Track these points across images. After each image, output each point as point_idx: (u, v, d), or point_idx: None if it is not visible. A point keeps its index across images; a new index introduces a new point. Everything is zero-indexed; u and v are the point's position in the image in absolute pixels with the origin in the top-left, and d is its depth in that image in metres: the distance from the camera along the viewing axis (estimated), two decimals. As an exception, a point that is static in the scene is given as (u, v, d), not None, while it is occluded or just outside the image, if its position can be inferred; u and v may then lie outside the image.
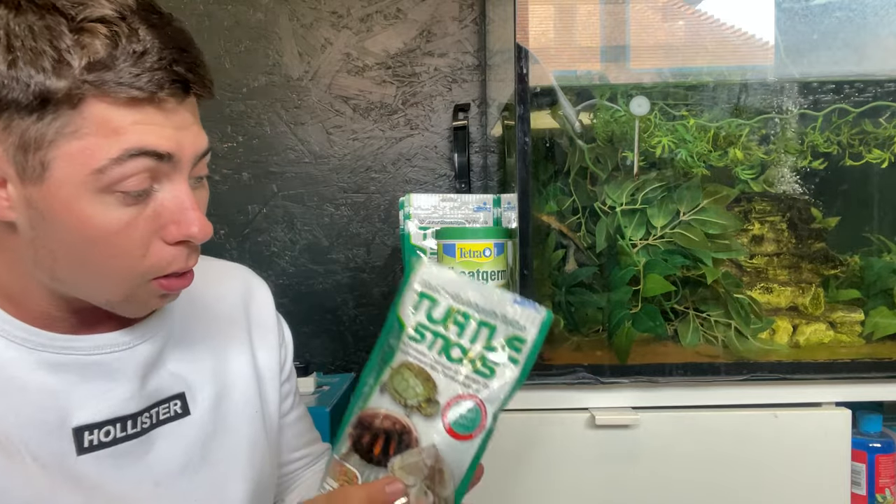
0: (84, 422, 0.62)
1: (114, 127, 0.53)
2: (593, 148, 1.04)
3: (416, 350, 0.58)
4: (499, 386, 0.58)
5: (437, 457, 0.56)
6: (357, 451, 0.57)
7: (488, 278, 0.96)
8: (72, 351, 0.62)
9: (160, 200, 0.57)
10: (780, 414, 0.94)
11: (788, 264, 1.05)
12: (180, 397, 0.69)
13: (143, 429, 0.65)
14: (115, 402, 0.63)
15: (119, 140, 0.54)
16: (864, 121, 1.03)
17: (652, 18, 1.15)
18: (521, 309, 0.59)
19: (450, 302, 0.59)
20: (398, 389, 0.57)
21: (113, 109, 0.53)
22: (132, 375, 0.65)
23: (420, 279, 0.60)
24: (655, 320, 0.98)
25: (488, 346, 0.58)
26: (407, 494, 0.55)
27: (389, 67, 1.44)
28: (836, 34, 1.09)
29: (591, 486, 0.94)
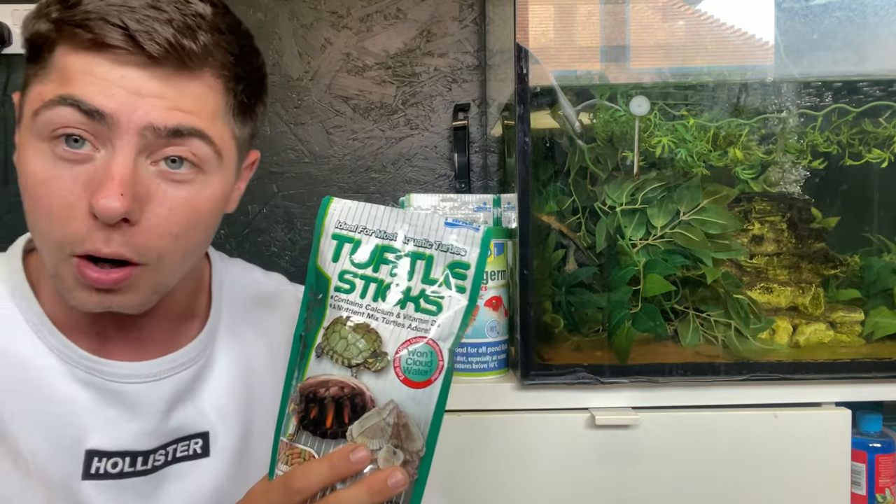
0: (96, 446, 0.59)
1: (69, 74, 0.52)
2: (593, 148, 1.04)
3: (347, 302, 0.51)
4: (448, 320, 0.51)
5: (399, 412, 0.49)
6: (307, 428, 0.50)
7: (488, 278, 0.96)
8: (96, 373, 0.60)
9: (96, 166, 0.52)
10: (779, 414, 0.94)
11: (788, 264, 1.05)
12: (203, 437, 0.64)
13: (154, 466, 0.62)
14: (129, 436, 0.60)
15: (62, 87, 0.51)
16: (863, 120, 1.03)
17: (652, 18, 1.15)
18: (457, 231, 0.52)
19: (373, 240, 0.52)
20: (337, 350, 0.50)
21: (71, 55, 0.52)
22: (152, 410, 0.62)
23: (334, 222, 0.52)
24: (655, 320, 0.98)
25: (428, 280, 0.52)
26: (374, 460, 0.49)
27: (389, 67, 1.44)
28: (836, 34, 1.09)
29: (590, 486, 0.94)
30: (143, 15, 0.51)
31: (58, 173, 0.52)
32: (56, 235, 0.53)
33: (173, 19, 0.52)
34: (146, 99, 0.52)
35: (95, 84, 0.51)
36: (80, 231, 0.52)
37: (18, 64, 1.38)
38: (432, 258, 0.52)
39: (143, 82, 0.52)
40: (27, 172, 0.53)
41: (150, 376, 0.62)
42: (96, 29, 0.50)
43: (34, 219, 0.54)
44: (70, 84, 0.51)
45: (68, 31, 0.51)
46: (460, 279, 0.52)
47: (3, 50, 1.35)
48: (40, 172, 0.52)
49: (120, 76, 0.51)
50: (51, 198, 0.52)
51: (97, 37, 0.51)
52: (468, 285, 0.52)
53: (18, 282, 0.61)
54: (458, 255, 0.52)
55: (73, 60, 0.52)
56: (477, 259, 0.52)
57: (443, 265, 0.52)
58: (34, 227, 0.55)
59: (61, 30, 0.52)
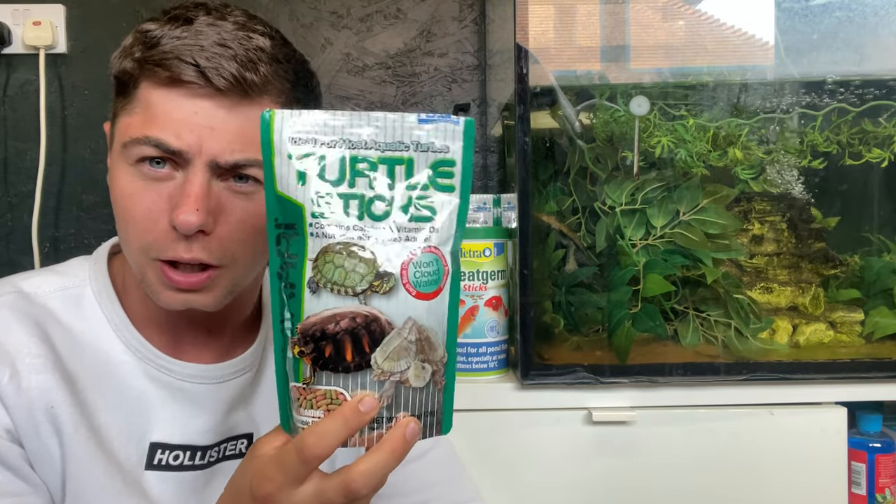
0: (160, 439, 0.66)
1: (153, 111, 0.59)
2: (593, 148, 1.04)
3: (330, 227, 0.47)
4: (445, 223, 0.48)
5: (418, 328, 0.47)
6: (325, 368, 0.47)
7: (488, 278, 0.96)
8: (167, 372, 0.67)
9: (175, 183, 0.60)
10: (776, 412, 0.94)
11: (788, 264, 1.05)
12: (248, 438, 0.71)
13: (209, 461, 0.68)
14: (193, 431, 0.67)
15: (146, 124, 0.59)
16: (863, 120, 1.03)
17: (652, 18, 1.15)
18: (433, 126, 0.47)
19: (338, 151, 0.47)
20: (336, 280, 0.46)
21: (154, 92, 0.59)
22: (215, 409, 0.68)
23: (285, 138, 0.46)
24: (655, 320, 0.98)
25: (412, 185, 0.48)
26: (403, 381, 0.47)
27: (389, 67, 1.44)
28: (836, 34, 1.09)
29: (590, 485, 0.94)
30: (211, 53, 0.58)
31: (143, 189, 0.60)
32: (142, 242, 0.61)
33: (237, 55, 0.59)
34: (215, 132, 0.59)
35: (172, 125, 0.59)
36: (163, 240, 0.60)
37: (18, 64, 1.38)
38: (412, 160, 0.47)
39: (213, 113, 0.59)
40: (118, 189, 0.61)
41: (216, 378, 0.68)
42: (173, 67, 0.58)
43: (123, 228, 0.62)
44: (152, 124, 0.59)
45: (149, 69, 0.59)
46: (447, 178, 0.48)
47: (3, 50, 1.35)
48: (128, 188, 0.60)
49: (193, 111, 0.59)
50: (137, 210, 0.60)
51: (174, 74, 0.58)
52: (457, 183, 0.48)
53: (103, 283, 0.68)
54: (441, 154, 0.48)
55: (154, 96, 0.59)
56: (462, 153, 0.48)
57: (425, 166, 0.47)
58: (123, 234, 0.63)
59: (143, 68, 0.59)
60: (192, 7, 0.61)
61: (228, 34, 0.60)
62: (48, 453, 0.62)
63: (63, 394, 0.63)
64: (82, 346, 0.65)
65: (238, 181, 0.61)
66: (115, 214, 0.63)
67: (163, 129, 0.59)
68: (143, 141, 0.59)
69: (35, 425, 0.61)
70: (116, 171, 0.62)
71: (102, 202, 1.39)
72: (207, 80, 0.58)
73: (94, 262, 0.70)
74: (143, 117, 0.60)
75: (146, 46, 0.59)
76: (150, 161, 0.59)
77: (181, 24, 0.59)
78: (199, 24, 0.59)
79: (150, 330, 0.68)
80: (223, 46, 0.59)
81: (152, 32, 0.59)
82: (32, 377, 0.62)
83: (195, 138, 0.59)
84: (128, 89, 0.61)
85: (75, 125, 1.39)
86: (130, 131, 0.60)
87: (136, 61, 0.60)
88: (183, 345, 0.69)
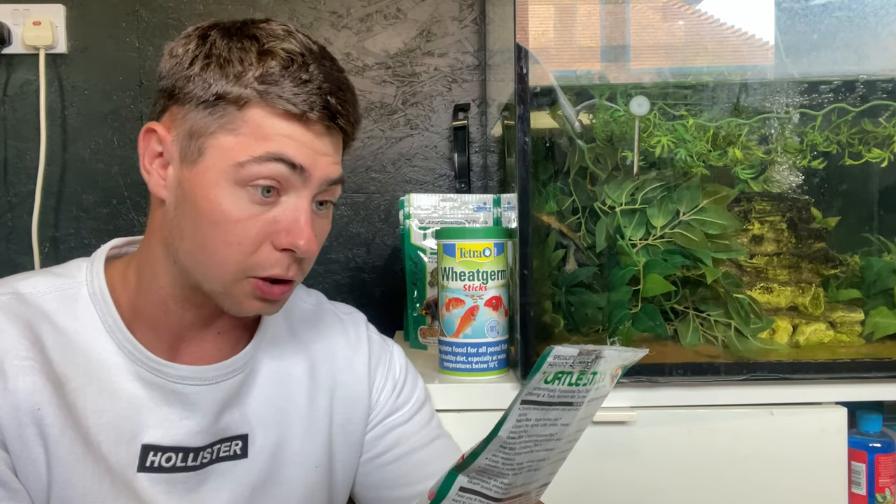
0: (152, 441, 0.66)
1: (265, 133, 0.62)
2: (593, 148, 1.04)
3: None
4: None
5: None
6: None
7: (488, 278, 0.96)
8: (161, 374, 0.67)
9: (282, 208, 0.64)
10: (776, 412, 0.94)
11: (788, 264, 1.05)
12: (242, 438, 0.72)
13: (202, 463, 0.69)
14: (185, 433, 0.68)
15: (265, 144, 0.62)
16: (863, 120, 1.03)
17: (652, 18, 1.15)
18: None
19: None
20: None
21: (269, 118, 0.62)
22: (208, 411, 0.69)
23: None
24: (655, 320, 0.98)
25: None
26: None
27: (389, 67, 1.44)
28: (836, 34, 1.09)
29: (590, 485, 0.94)
30: (338, 97, 0.64)
31: (251, 214, 0.63)
32: (243, 264, 0.64)
33: (350, 101, 0.66)
34: (322, 157, 0.65)
35: (295, 146, 0.63)
36: (271, 260, 0.64)
37: (18, 64, 1.38)
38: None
39: (321, 144, 0.65)
40: (219, 211, 0.63)
41: (208, 380, 0.69)
42: (303, 107, 0.62)
43: (218, 248, 0.64)
44: (273, 142, 0.62)
45: (272, 101, 0.62)
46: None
47: (3, 50, 1.35)
48: (236, 212, 0.63)
49: (310, 139, 0.64)
50: (246, 235, 0.63)
51: (303, 113, 0.63)
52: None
53: (99, 285, 0.69)
54: None
55: (272, 123, 0.63)
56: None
57: None
58: (213, 254, 0.64)
59: (265, 97, 0.62)
60: (282, 33, 0.65)
61: (335, 75, 0.65)
62: (32, 456, 0.62)
63: (51, 396, 0.63)
64: (75, 347, 0.66)
65: (320, 206, 0.68)
66: (205, 233, 0.64)
67: (286, 147, 0.62)
68: (266, 157, 0.62)
69: (19, 427, 0.62)
70: (217, 191, 0.63)
71: (102, 202, 1.39)
72: (332, 119, 0.64)
73: (92, 264, 0.70)
74: (256, 138, 0.62)
75: (267, 80, 0.62)
76: (262, 190, 0.63)
77: (300, 65, 0.63)
78: (311, 66, 0.64)
79: (145, 332, 0.68)
80: (339, 90, 0.65)
81: (272, 70, 0.62)
82: (19, 379, 0.62)
83: (312, 159, 0.64)
84: (229, 108, 0.63)
85: (75, 125, 1.40)
86: (247, 150, 0.62)
87: (258, 92, 0.62)
88: (181, 347, 0.70)
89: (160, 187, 0.66)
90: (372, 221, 1.46)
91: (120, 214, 1.39)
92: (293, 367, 0.77)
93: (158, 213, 0.68)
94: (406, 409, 0.83)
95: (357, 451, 0.81)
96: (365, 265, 1.46)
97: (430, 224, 1.18)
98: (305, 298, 0.84)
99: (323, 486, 0.77)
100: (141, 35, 1.40)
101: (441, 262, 0.98)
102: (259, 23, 0.66)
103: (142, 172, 0.67)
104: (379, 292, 1.46)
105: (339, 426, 0.78)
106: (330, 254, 1.46)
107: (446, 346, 0.98)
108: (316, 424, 0.76)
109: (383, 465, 0.81)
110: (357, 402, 0.80)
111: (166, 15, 1.40)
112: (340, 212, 1.45)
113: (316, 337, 0.80)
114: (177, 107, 0.65)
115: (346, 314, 0.85)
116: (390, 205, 1.45)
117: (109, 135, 1.40)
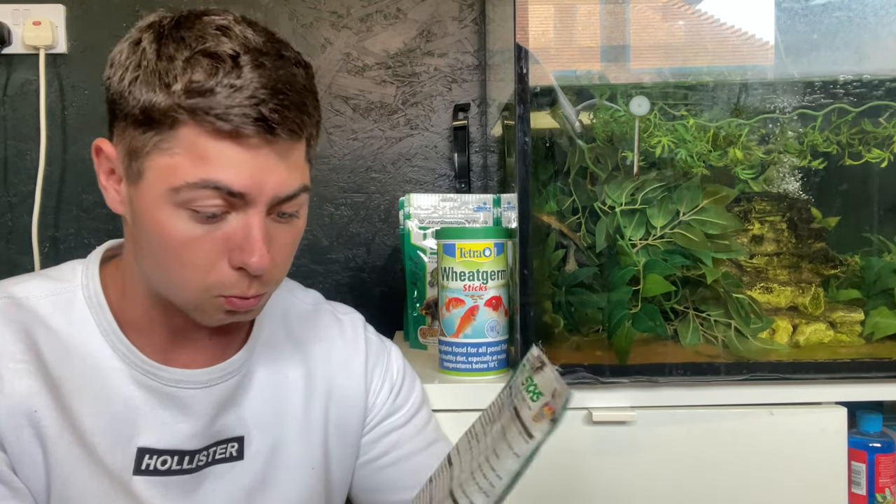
0: (148, 444, 0.66)
1: (200, 154, 0.57)
2: (593, 148, 1.04)
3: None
4: None
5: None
6: None
7: (488, 278, 0.96)
8: (156, 378, 0.67)
9: (232, 226, 0.60)
10: (776, 412, 0.94)
11: (788, 264, 1.05)
12: (238, 441, 0.71)
13: (197, 466, 0.68)
14: (180, 436, 0.67)
15: (200, 168, 0.58)
16: (863, 120, 1.03)
17: (652, 18, 1.15)
18: None
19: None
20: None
21: (203, 137, 0.57)
22: (203, 414, 0.68)
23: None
24: (655, 320, 0.98)
25: None
26: None
27: (389, 67, 1.44)
28: (836, 34, 1.09)
29: (589, 485, 0.94)
30: (273, 104, 0.57)
31: (199, 234, 0.60)
32: (203, 284, 0.62)
33: (293, 102, 0.59)
34: (273, 172, 0.59)
35: (232, 168, 0.58)
36: (225, 279, 0.61)
37: (18, 64, 1.38)
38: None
39: (268, 159, 0.59)
40: (166, 233, 0.60)
41: (204, 383, 0.69)
42: (236, 122, 0.57)
43: (173, 270, 0.61)
44: (209, 167, 0.57)
45: (201, 118, 0.57)
46: None
47: (3, 50, 1.35)
48: (183, 234, 0.59)
49: (250, 157, 0.58)
50: (196, 256, 0.60)
51: (236, 129, 0.57)
52: None
53: (94, 289, 0.68)
54: None
55: (206, 144, 0.57)
56: None
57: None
58: (173, 275, 0.62)
59: (195, 115, 0.57)
60: (215, 31, 0.58)
61: (275, 73, 0.58)
62: (31, 458, 0.62)
63: (47, 399, 0.63)
64: (70, 351, 0.66)
65: (281, 215, 0.63)
66: (158, 254, 0.61)
67: (222, 172, 0.58)
68: (202, 185, 0.58)
69: (16, 430, 0.62)
70: (159, 213, 0.59)
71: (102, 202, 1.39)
72: (271, 131, 0.58)
73: (87, 267, 0.70)
74: (191, 159, 0.58)
75: (196, 93, 0.56)
76: (205, 212, 0.59)
77: (229, 69, 0.57)
78: (245, 68, 0.57)
79: (141, 336, 0.68)
80: (281, 94, 0.58)
81: (198, 81, 0.56)
82: (16, 382, 0.62)
83: (255, 181, 0.59)
84: (161, 126, 0.58)
85: (75, 125, 1.39)
86: (181, 175, 0.58)
87: (186, 109, 0.57)
88: (175, 350, 0.70)
89: (116, 203, 0.64)
90: (372, 221, 1.46)
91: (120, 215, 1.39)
92: (289, 368, 0.76)
93: (125, 224, 0.67)
94: (403, 412, 0.83)
95: (353, 452, 0.80)
96: (365, 265, 1.46)
97: (430, 224, 1.18)
98: (303, 298, 0.84)
99: (319, 488, 0.76)
100: (141, 35, 1.40)
101: (441, 262, 0.98)
102: (194, 19, 0.60)
103: (100, 188, 0.65)
104: (379, 292, 1.46)
105: (336, 428, 0.78)
106: (330, 254, 1.46)
107: (446, 346, 0.98)
108: (312, 426, 0.76)
109: (380, 469, 0.81)
110: (353, 403, 0.80)
111: (166, 15, 1.40)
112: (340, 212, 1.46)
113: (313, 337, 0.80)
114: (118, 122, 0.61)
115: (343, 314, 0.85)
116: (390, 205, 1.45)
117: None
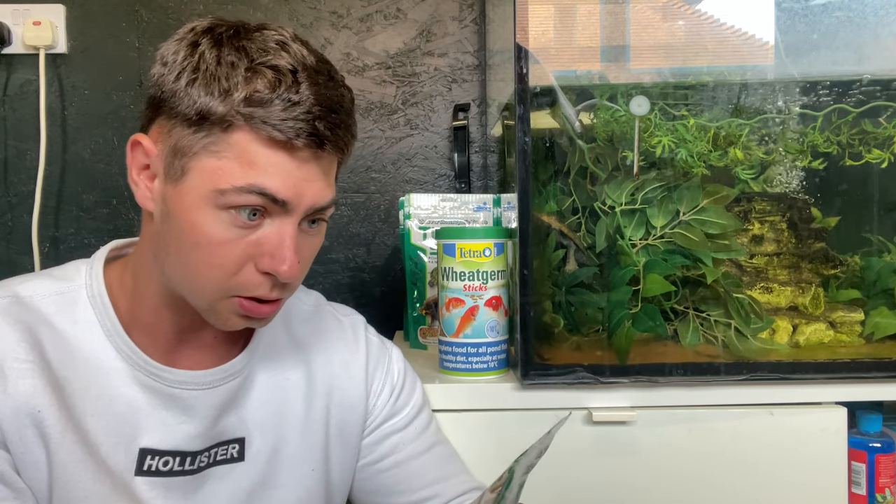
0: (150, 445, 0.66)
1: (250, 159, 0.60)
2: (593, 148, 1.04)
3: None
4: None
5: None
6: None
7: (488, 278, 0.96)
8: (158, 379, 0.67)
9: (266, 232, 0.62)
10: (776, 412, 0.94)
11: (788, 264, 1.05)
12: (239, 442, 0.72)
13: (199, 467, 0.69)
14: (182, 437, 0.68)
15: (249, 173, 0.60)
16: (863, 121, 1.03)
17: (652, 18, 1.15)
18: None
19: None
20: None
21: (255, 144, 0.60)
22: (205, 415, 0.69)
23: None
24: (655, 320, 0.98)
25: None
26: None
27: (389, 67, 1.44)
28: (836, 34, 1.09)
29: (589, 485, 0.94)
30: (327, 121, 0.61)
31: (232, 237, 0.62)
32: (226, 285, 0.63)
33: (342, 121, 0.62)
34: (314, 183, 0.63)
35: (279, 177, 0.60)
36: (254, 281, 0.63)
37: (18, 64, 1.38)
38: None
39: (307, 171, 0.62)
40: (201, 233, 0.61)
41: (206, 384, 0.69)
42: (290, 134, 0.59)
43: (200, 269, 0.63)
44: (257, 173, 0.60)
45: (258, 126, 0.59)
46: None
47: (3, 50, 1.35)
48: (217, 235, 0.61)
49: (295, 167, 0.61)
50: (225, 257, 0.62)
51: (289, 140, 0.60)
52: None
53: (97, 289, 0.68)
54: None
55: (257, 151, 0.60)
56: None
57: None
58: (195, 274, 0.63)
59: (251, 122, 0.59)
60: (275, 45, 0.61)
61: (328, 92, 0.62)
62: (33, 458, 0.63)
63: (50, 399, 0.63)
64: (74, 351, 0.66)
65: (311, 224, 0.66)
66: (187, 252, 0.63)
67: (269, 180, 0.60)
68: (248, 189, 0.60)
69: (20, 429, 0.62)
70: (198, 213, 0.61)
71: (102, 202, 1.39)
72: (320, 146, 0.61)
73: (91, 267, 0.70)
74: (240, 164, 0.60)
75: (255, 102, 0.59)
76: (248, 212, 0.61)
77: (290, 84, 0.60)
78: (303, 84, 0.60)
79: (144, 337, 0.68)
80: (331, 111, 0.61)
81: (260, 91, 0.59)
82: (19, 382, 0.62)
83: (298, 190, 0.61)
84: (214, 129, 0.60)
85: (75, 125, 1.39)
86: (228, 178, 0.60)
87: (244, 116, 0.59)
88: (178, 351, 0.70)
89: (147, 200, 0.65)
90: (372, 221, 1.46)
91: (120, 214, 1.39)
92: (290, 370, 0.77)
93: (149, 222, 0.67)
94: (404, 414, 0.83)
95: (354, 454, 0.81)
96: (365, 265, 1.46)
97: (430, 224, 1.18)
98: (304, 299, 0.84)
99: (319, 490, 0.77)
100: (141, 35, 1.40)
101: (441, 262, 0.98)
102: (253, 31, 0.63)
103: (130, 183, 0.66)
104: (379, 292, 1.46)
105: (336, 429, 0.78)
106: (330, 254, 1.46)
107: (446, 346, 0.98)
108: (312, 428, 0.76)
109: (381, 472, 0.81)
110: (354, 405, 0.80)
111: (166, 15, 1.40)
112: (340, 212, 1.45)
113: (314, 339, 0.80)
114: (163, 119, 0.62)
115: (344, 316, 0.85)
116: (390, 205, 1.45)
117: (109, 135, 1.40)
